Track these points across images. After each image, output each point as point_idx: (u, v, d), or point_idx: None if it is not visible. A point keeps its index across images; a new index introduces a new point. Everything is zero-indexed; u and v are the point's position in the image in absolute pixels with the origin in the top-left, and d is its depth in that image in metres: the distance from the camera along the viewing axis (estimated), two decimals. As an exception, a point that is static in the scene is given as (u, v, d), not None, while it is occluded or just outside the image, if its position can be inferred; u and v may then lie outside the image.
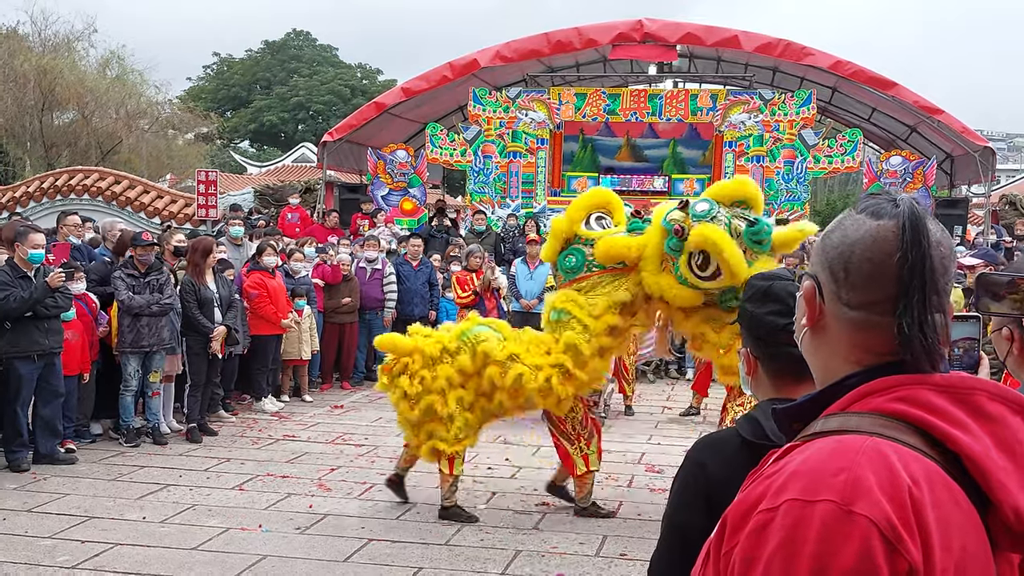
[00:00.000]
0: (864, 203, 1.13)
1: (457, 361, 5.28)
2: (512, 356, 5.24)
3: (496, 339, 5.31)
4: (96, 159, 22.56)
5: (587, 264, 5.22)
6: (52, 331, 6.44)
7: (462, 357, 5.28)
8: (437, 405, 5.26)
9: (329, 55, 46.33)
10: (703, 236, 4.65)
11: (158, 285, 7.21)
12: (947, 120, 13.77)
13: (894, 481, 0.94)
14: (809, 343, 1.17)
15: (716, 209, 4.74)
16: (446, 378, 5.28)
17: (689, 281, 4.85)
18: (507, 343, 5.32)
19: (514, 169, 14.46)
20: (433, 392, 5.26)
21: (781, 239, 4.89)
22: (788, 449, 1.06)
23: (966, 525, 0.98)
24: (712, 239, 4.63)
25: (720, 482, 1.49)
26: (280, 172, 28.65)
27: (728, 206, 4.82)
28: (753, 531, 0.97)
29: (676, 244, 4.80)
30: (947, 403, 1.02)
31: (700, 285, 4.83)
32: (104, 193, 14.65)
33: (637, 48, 14.09)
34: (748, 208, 4.87)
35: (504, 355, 5.24)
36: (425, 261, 10.67)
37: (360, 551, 4.95)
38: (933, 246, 1.07)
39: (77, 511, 5.51)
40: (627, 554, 4.97)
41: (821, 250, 1.15)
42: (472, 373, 5.30)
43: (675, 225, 4.76)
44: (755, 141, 14.01)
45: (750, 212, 4.85)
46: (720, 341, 5.07)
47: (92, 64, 25.95)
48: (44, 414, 6.54)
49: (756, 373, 1.74)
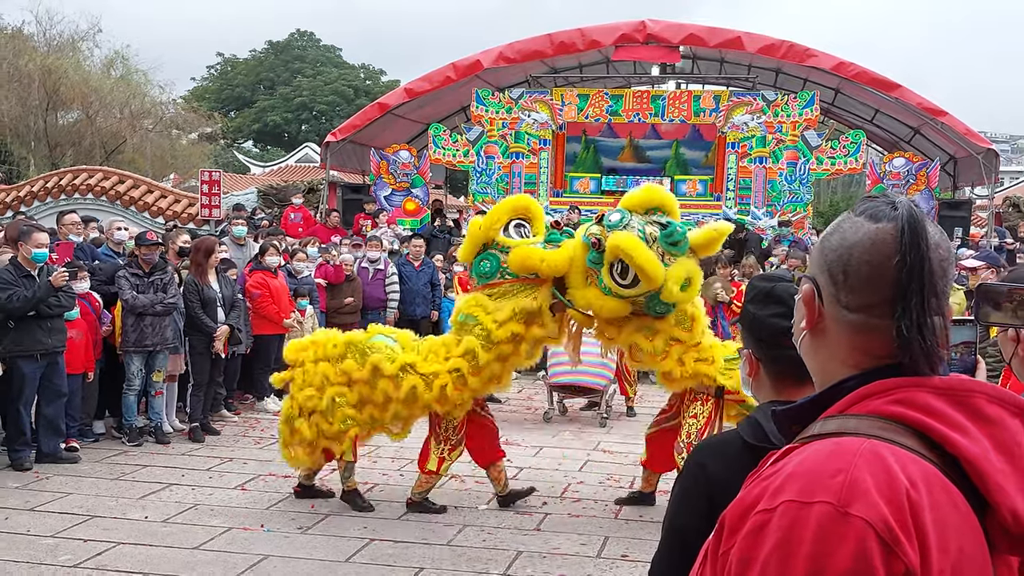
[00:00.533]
0: (863, 206, 1.13)
1: (343, 364, 5.43)
2: (406, 366, 5.33)
3: (387, 351, 5.41)
4: (100, 159, 22.58)
5: (501, 271, 5.30)
6: (55, 330, 6.45)
7: (347, 362, 5.42)
8: (314, 399, 5.44)
9: (333, 55, 46.40)
10: (615, 244, 4.78)
11: (162, 284, 7.23)
12: (950, 122, 13.75)
13: (891, 483, 0.94)
14: (808, 346, 1.17)
15: (628, 217, 4.87)
16: (323, 375, 5.44)
17: (613, 291, 4.91)
18: (402, 353, 5.41)
19: (517, 170, 14.47)
20: (312, 386, 5.45)
21: (699, 240, 4.98)
22: (786, 451, 1.06)
23: (964, 527, 0.98)
24: (623, 246, 4.74)
25: (721, 484, 1.49)
26: (283, 172, 28.71)
27: (642, 213, 4.93)
28: (750, 532, 0.97)
29: (596, 257, 4.91)
30: (945, 405, 1.03)
31: (623, 293, 4.90)
32: (108, 193, 14.66)
33: (640, 49, 14.09)
34: (663, 213, 4.97)
35: (395, 368, 5.33)
36: (427, 261, 10.68)
37: (362, 551, 4.96)
38: (932, 249, 1.07)
39: (79, 510, 5.52)
40: (628, 555, 4.97)
41: (820, 253, 1.15)
42: (359, 379, 5.41)
43: (592, 239, 4.88)
44: (758, 142, 14.00)
45: (664, 216, 4.95)
46: (655, 348, 5.15)
47: (96, 64, 26.00)
48: (47, 413, 6.56)
49: (757, 375, 1.74)
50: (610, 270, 4.89)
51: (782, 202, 13.95)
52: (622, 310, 5.02)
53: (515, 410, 9.02)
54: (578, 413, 8.94)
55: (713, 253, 5.89)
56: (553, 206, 14.13)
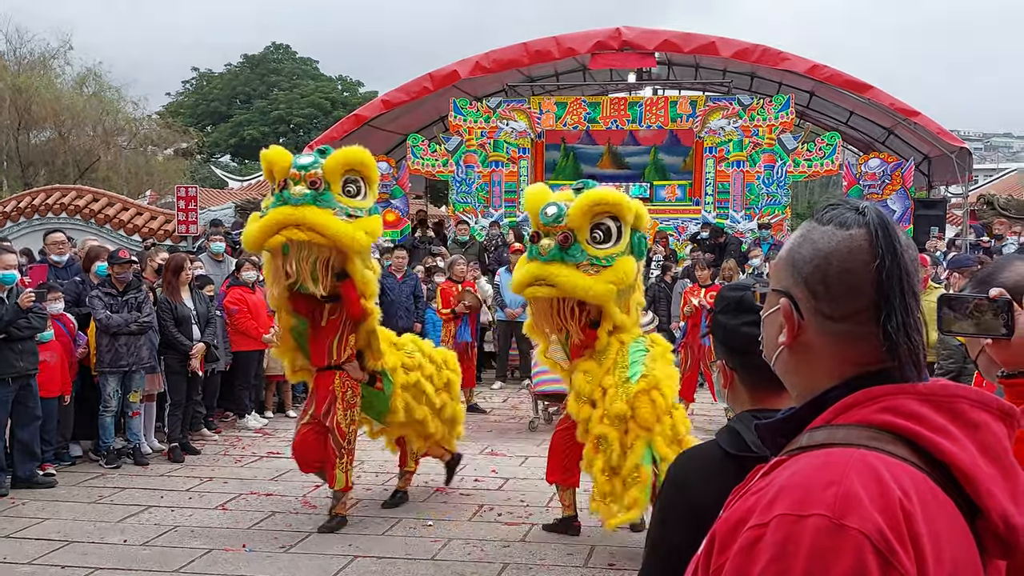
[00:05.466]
0: (828, 214, 1.12)
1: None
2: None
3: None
4: (74, 177, 22.38)
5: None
6: (27, 352, 6.33)
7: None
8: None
9: (309, 68, 46.27)
10: (589, 196, 4.75)
11: (136, 303, 7.12)
12: (923, 122, 13.90)
13: (885, 493, 0.93)
14: (786, 361, 1.15)
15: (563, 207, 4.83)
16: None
17: (595, 257, 4.74)
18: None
19: (496, 178, 14.47)
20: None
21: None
22: (775, 464, 1.04)
23: (955, 535, 0.98)
24: (595, 194, 4.77)
25: (703, 496, 1.46)
26: (262, 186, 28.45)
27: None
28: (743, 548, 0.95)
29: (572, 248, 4.73)
30: (931, 412, 1.02)
31: (603, 254, 4.75)
32: (82, 211, 14.51)
33: (616, 56, 14.15)
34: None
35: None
36: (410, 273, 10.61)
37: (346, 568, 4.88)
38: (904, 249, 1.08)
39: (56, 536, 5.40)
40: (615, 564, 4.93)
41: (791, 266, 1.13)
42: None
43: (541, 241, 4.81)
44: (735, 146, 14.09)
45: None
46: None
47: (68, 82, 25.77)
48: (22, 437, 6.43)
49: (733, 385, 1.71)
50: (590, 237, 4.78)
51: (760, 205, 14.04)
52: (610, 294, 4.80)
53: (500, 419, 8.97)
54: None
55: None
56: (533, 214, 14.14)
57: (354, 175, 5.13)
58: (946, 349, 6.80)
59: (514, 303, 10.36)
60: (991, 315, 1.49)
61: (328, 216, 4.93)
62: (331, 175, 5.00)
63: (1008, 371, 1.65)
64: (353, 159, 5.12)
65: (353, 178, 5.13)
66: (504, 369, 11.05)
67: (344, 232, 4.94)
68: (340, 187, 5.06)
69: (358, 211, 5.10)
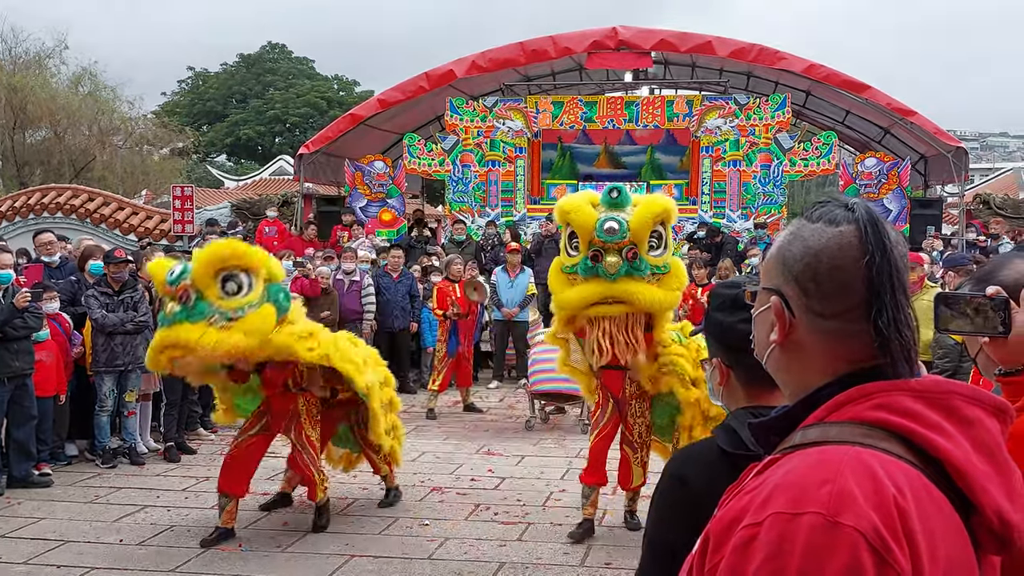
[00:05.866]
0: (817, 211, 1.12)
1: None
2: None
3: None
4: (70, 177, 22.32)
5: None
6: (22, 352, 6.32)
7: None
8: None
9: (305, 67, 46.23)
10: (560, 211, 4.87)
11: (132, 303, 7.11)
12: (920, 121, 13.92)
13: (879, 491, 0.93)
14: (778, 359, 1.15)
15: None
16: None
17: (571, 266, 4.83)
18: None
19: (493, 178, 14.45)
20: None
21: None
22: (768, 462, 1.04)
23: (950, 532, 0.98)
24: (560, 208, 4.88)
25: (701, 494, 1.46)
26: (258, 186, 28.48)
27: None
28: (738, 546, 0.95)
29: (637, 262, 4.74)
30: (925, 408, 1.02)
31: (660, 262, 4.82)
32: (78, 211, 14.48)
33: (612, 56, 14.14)
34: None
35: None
36: (406, 272, 10.61)
37: (342, 567, 4.88)
38: (894, 245, 1.08)
39: (52, 535, 5.39)
40: (612, 563, 4.93)
41: (781, 264, 1.13)
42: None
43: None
44: (731, 146, 14.09)
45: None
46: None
47: (64, 81, 25.72)
48: (17, 437, 6.42)
49: (728, 383, 1.71)
50: (567, 245, 4.88)
51: (756, 204, 14.05)
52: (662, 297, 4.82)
53: (496, 419, 8.97)
54: (560, 420, 8.91)
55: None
56: (531, 214, 14.14)
57: (230, 270, 4.83)
58: (942, 348, 6.82)
59: (510, 302, 10.36)
60: (988, 313, 1.49)
61: (198, 332, 4.68)
62: (202, 281, 4.76)
63: (1005, 369, 1.65)
64: (222, 256, 4.83)
65: (231, 275, 4.83)
66: (501, 368, 11.04)
67: (217, 343, 4.69)
68: (218, 289, 4.80)
69: (240, 310, 4.79)
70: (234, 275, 4.81)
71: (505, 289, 10.46)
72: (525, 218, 14.13)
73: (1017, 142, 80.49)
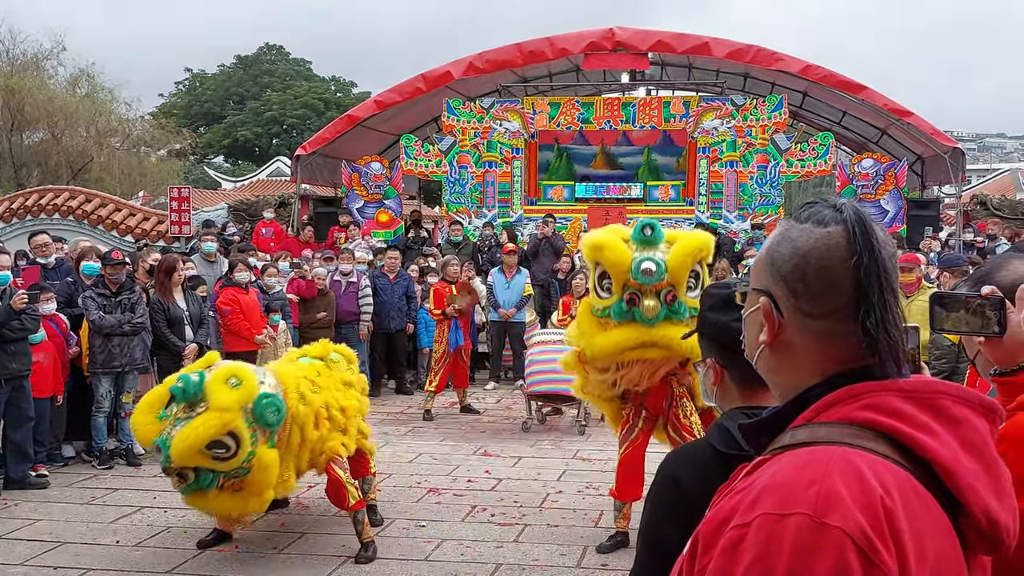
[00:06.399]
0: (806, 212, 1.13)
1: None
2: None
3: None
4: (67, 178, 22.32)
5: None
6: (19, 354, 6.32)
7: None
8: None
9: (302, 68, 46.19)
10: (590, 248, 4.59)
11: (129, 304, 7.11)
12: (916, 122, 13.93)
13: (866, 491, 0.93)
14: (768, 360, 1.15)
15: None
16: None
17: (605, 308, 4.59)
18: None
19: (490, 179, 14.45)
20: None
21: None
22: (758, 463, 1.05)
23: (938, 532, 0.98)
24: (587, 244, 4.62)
25: (695, 494, 1.47)
26: (255, 187, 28.46)
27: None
28: (726, 548, 0.95)
29: (675, 305, 4.48)
30: (913, 408, 1.02)
31: (697, 303, 4.72)
32: (75, 212, 14.47)
33: (609, 57, 14.15)
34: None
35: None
36: (403, 274, 10.61)
37: (339, 569, 4.88)
38: (882, 246, 1.08)
39: (49, 537, 5.39)
40: (608, 564, 4.94)
41: (769, 264, 1.13)
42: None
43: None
44: (728, 147, 14.10)
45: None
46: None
47: (61, 82, 25.71)
48: (14, 438, 6.41)
49: (722, 383, 1.71)
50: (598, 285, 4.61)
51: (753, 205, 14.06)
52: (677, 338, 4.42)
53: (493, 420, 8.98)
54: (557, 422, 8.92)
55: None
56: (528, 215, 14.15)
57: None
58: (938, 349, 6.82)
59: (507, 304, 10.37)
60: (984, 313, 1.49)
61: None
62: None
63: (1000, 369, 1.66)
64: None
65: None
66: (498, 370, 11.05)
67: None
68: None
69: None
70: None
71: (502, 290, 10.46)
72: (522, 219, 14.13)
73: (1014, 143, 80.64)
